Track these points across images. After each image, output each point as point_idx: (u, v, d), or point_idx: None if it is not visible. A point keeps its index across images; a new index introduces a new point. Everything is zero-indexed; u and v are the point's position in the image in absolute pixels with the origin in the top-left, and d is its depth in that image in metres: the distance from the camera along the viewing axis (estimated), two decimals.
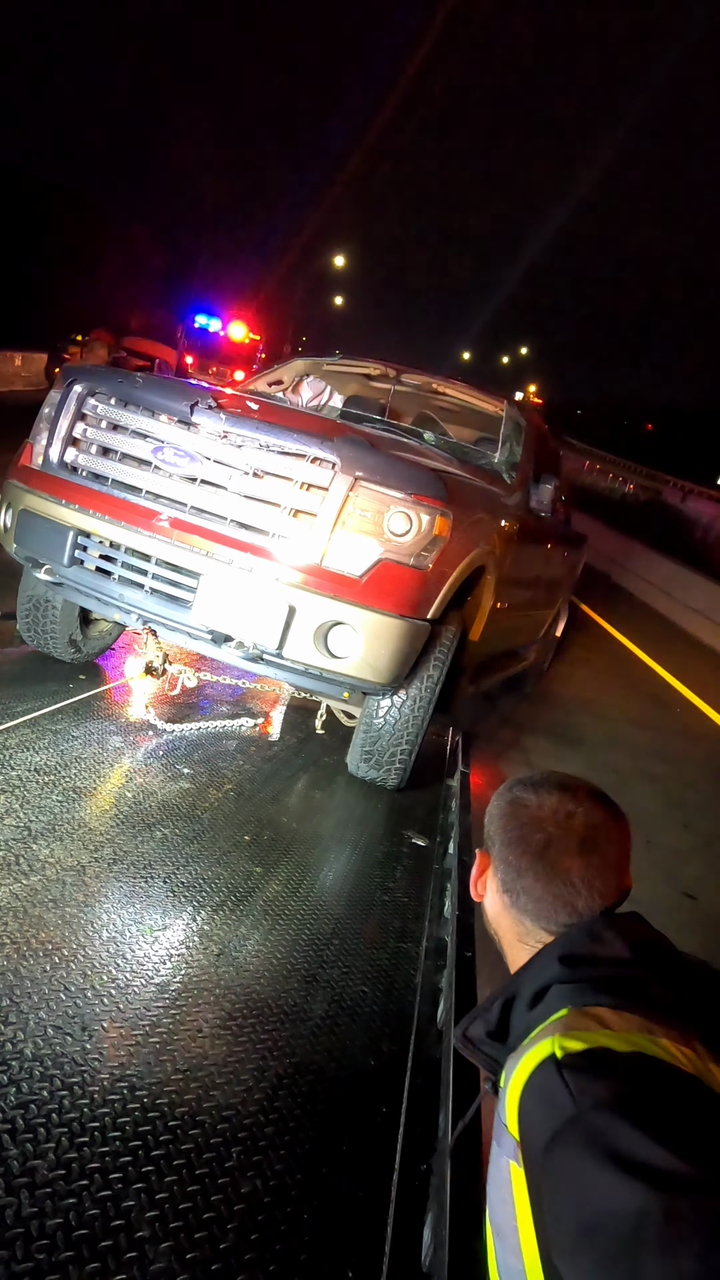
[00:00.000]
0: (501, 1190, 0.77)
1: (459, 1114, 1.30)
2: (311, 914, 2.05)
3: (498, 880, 1.01)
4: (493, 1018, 0.92)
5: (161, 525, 2.60)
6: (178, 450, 2.65)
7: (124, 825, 2.19)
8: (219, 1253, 1.11)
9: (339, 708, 3.32)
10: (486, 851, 1.05)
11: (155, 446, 2.68)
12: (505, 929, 1.02)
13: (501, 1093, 0.81)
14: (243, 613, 2.51)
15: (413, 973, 1.92)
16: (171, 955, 1.71)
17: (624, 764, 5.79)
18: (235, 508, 2.59)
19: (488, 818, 1.06)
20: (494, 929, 1.06)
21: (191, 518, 2.61)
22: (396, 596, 2.54)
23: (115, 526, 2.65)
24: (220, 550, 2.55)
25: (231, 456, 2.60)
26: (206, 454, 2.63)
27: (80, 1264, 1.04)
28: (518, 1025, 0.88)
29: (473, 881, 1.07)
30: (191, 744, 2.89)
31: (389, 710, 2.80)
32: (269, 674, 2.77)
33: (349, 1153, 1.35)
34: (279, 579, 2.50)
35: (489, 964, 2.97)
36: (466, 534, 2.82)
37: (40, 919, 1.70)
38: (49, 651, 3.33)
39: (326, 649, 2.52)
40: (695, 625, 12.62)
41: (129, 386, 2.78)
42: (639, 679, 8.81)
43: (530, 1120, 0.73)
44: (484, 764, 4.82)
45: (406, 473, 2.64)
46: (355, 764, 2.94)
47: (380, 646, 2.52)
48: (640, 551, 16.27)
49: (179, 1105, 1.33)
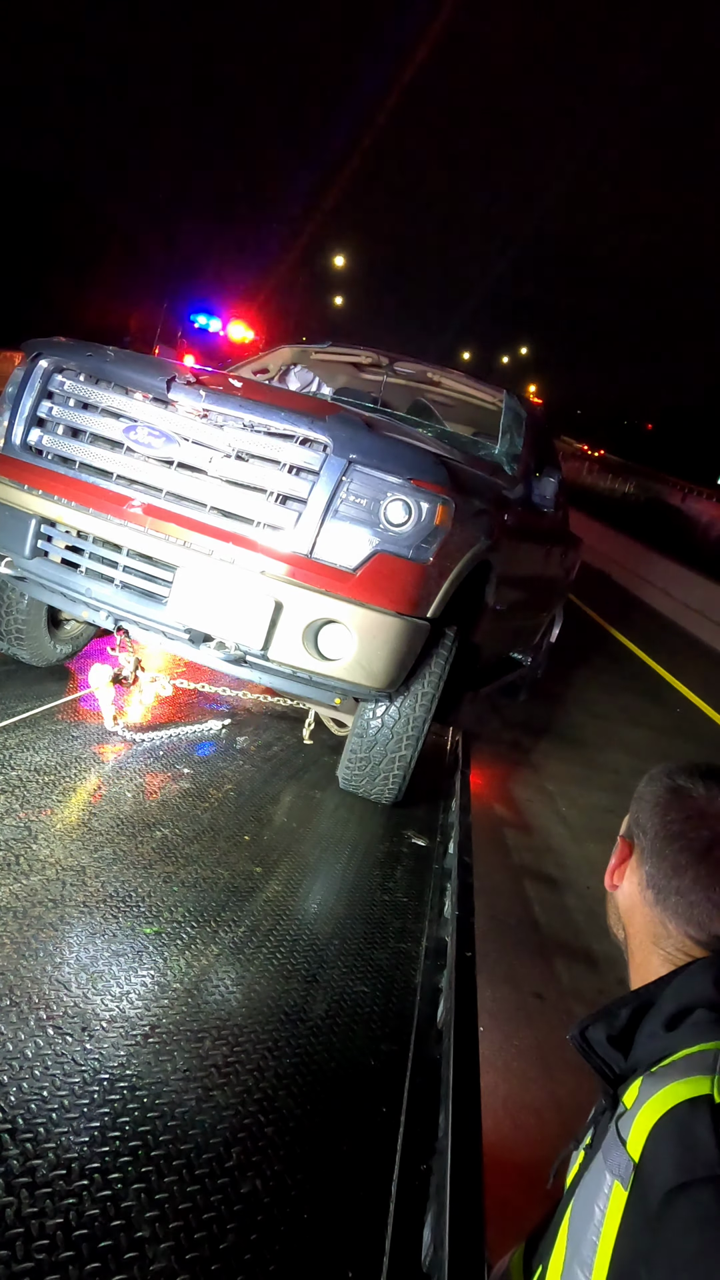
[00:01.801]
0: (593, 1203, 0.73)
1: (459, 1114, 1.30)
2: (311, 914, 2.06)
3: (642, 873, 0.92)
4: (618, 1024, 0.84)
5: (134, 512, 2.39)
6: (152, 430, 2.42)
7: (124, 825, 2.19)
8: (219, 1253, 1.11)
9: (328, 715, 3.10)
10: (630, 840, 0.96)
11: (127, 426, 2.46)
12: (639, 927, 0.93)
13: (624, 1110, 0.75)
14: (224, 609, 2.30)
15: (413, 973, 1.91)
16: (172, 955, 1.71)
17: (625, 763, 5.79)
18: (216, 493, 2.38)
19: (637, 804, 0.97)
20: (622, 923, 0.97)
21: (167, 504, 2.41)
22: (394, 592, 2.34)
23: (82, 514, 2.44)
24: (199, 540, 2.34)
25: (212, 437, 2.39)
26: (184, 434, 2.41)
27: (80, 1264, 1.04)
28: (650, 1043, 0.79)
29: (609, 870, 0.98)
30: (191, 744, 2.88)
31: (384, 718, 2.60)
32: (253, 678, 2.58)
33: (349, 1153, 1.35)
34: (264, 572, 2.29)
35: (489, 964, 2.98)
36: (469, 525, 2.61)
37: (40, 919, 1.70)
38: (14, 655, 3.08)
39: (316, 649, 2.32)
40: (692, 623, 12.62)
41: (99, 360, 2.55)
42: (638, 678, 8.81)
43: (660, 1154, 0.68)
44: (484, 764, 4.82)
45: (405, 455, 2.43)
46: (346, 777, 2.75)
47: (375, 647, 2.32)
48: (640, 550, 16.28)
49: (179, 1105, 1.33)
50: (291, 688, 2.58)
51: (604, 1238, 0.70)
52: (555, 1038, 2.82)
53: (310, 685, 2.52)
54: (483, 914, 2.59)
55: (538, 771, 5.24)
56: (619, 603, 13.63)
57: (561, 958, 3.31)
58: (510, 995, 2.99)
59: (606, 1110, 0.80)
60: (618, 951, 1.00)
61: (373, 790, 2.71)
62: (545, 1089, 2.59)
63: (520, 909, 3.59)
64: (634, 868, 0.94)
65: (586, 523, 17.04)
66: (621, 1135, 0.72)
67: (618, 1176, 0.71)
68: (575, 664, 7.84)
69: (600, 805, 4.99)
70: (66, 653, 3.25)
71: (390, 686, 2.45)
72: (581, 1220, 0.74)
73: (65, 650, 3.24)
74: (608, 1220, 0.70)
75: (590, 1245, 0.72)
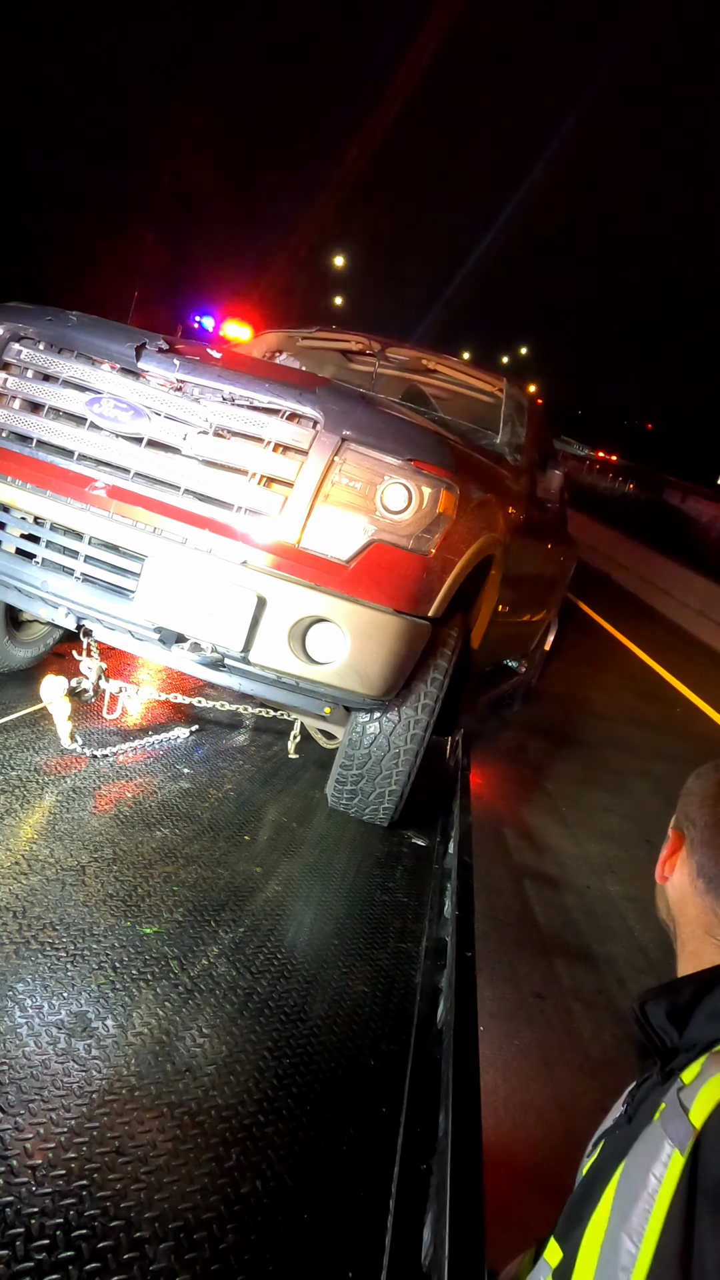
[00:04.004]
0: (648, 1170, 0.75)
1: (459, 1114, 1.30)
2: (311, 914, 2.05)
3: (693, 864, 0.95)
4: (680, 1001, 0.85)
5: (97, 495, 2.14)
6: (119, 403, 2.17)
7: (124, 825, 2.19)
8: (219, 1253, 1.11)
9: (316, 726, 2.80)
10: (680, 832, 0.99)
11: (91, 399, 2.20)
12: (691, 918, 0.95)
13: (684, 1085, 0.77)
14: (199, 605, 2.05)
15: (413, 973, 1.91)
16: (171, 955, 1.71)
17: (625, 763, 5.79)
18: (191, 475, 2.13)
19: (686, 797, 1.01)
20: (673, 915, 1.00)
21: (135, 486, 2.16)
22: (392, 587, 2.12)
23: (39, 496, 2.19)
24: (171, 526, 2.10)
25: (187, 412, 2.15)
26: (156, 408, 2.16)
27: (80, 1264, 1.04)
28: (710, 1024, 0.82)
29: (660, 862, 1.01)
30: (191, 744, 2.88)
31: (378, 731, 2.35)
32: (231, 684, 2.31)
33: (349, 1153, 1.35)
34: (245, 563, 2.05)
35: (489, 963, 2.98)
36: (475, 515, 2.38)
37: (40, 919, 1.70)
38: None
39: (304, 651, 2.10)
40: (690, 621, 12.63)
41: (61, 326, 2.29)
42: (638, 677, 8.81)
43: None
44: (484, 763, 4.83)
45: (406, 433, 2.19)
46: (336, 795, 2.51)
47: (371, 649, 2.09)
48: (638, 549, 16.29)
49: (179, 1105, 1.33)
50: (275, 695, 2.31)
51: (659, 1204, 0.71)
52: (555, 1037, 2.82)
53: (297, 692, 2.27)
54: (483, 913, 2.59)
55: (537, 771, 5.24)
56: (618, 603, 13.63)
57: (561, 957, 3.31)
58: (510, 995, 2.99)
59: (657, 1084, 0.82)
60: (618, 951, 1.01)
61: (365, 810, 2.51)
62: (546, 1089, 2.59)
63: (520, 908, 3.59)
64: (684, 859, 0.97)
65: (593, 526, 17.09)
66: (685, 1105, 0.74)
67: (678, 1144, 0.72)
68: (575, 663, 7.85)
69: (600, 805, 4.99)
70: (29, 657, 2.93)
71: (387, 694, 2.22)
72: (631, 1189, 0.76)
73: (27, 655, 2.92)
74: (664, 1187, 0.72)
75: (642, 1213, 0.73)
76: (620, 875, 4.15)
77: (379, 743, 2.35)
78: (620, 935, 3.55)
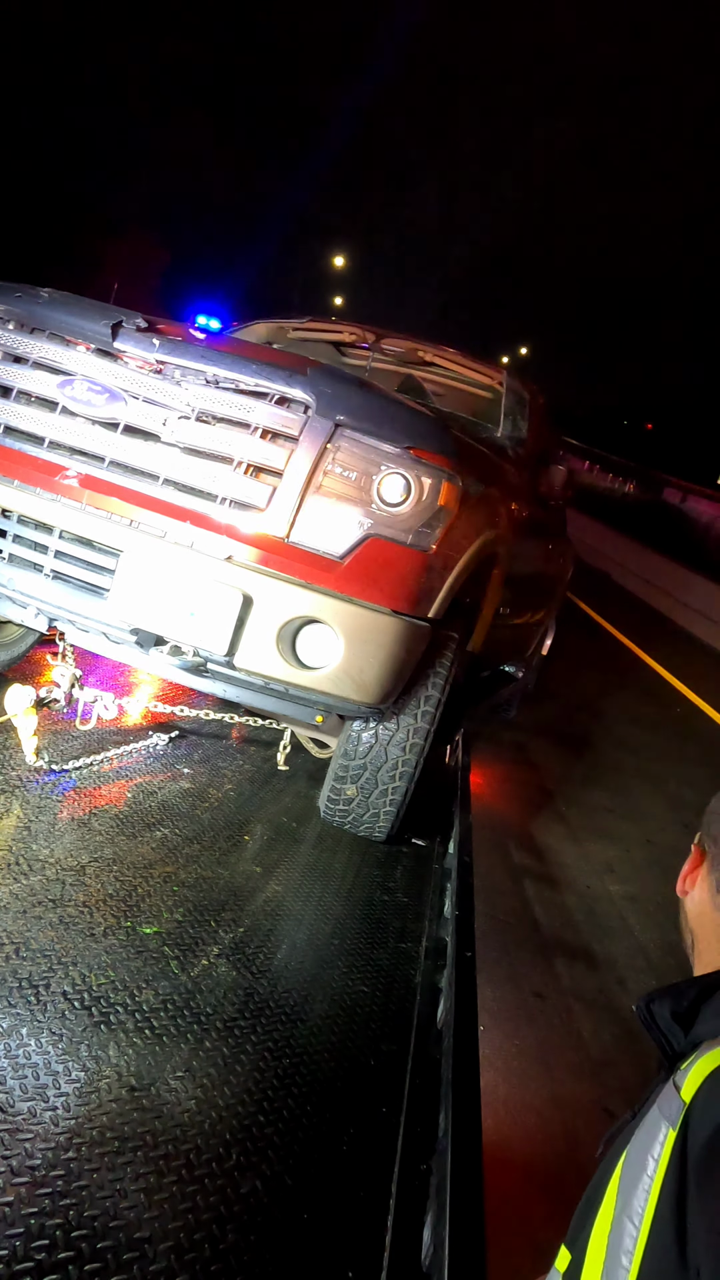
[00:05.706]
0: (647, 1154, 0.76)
1: (459, 1114, 1.30)
2: (311, 914, 2.05)
3: (713, 880, 0.98)
4: (685, 1001, 0.87)
5: (69, 484, 1.99)
6: (93, 385, 2.01)
7: (124, 825, 2.19)
8: (219, 1253, 1.11)
9: (307, 735, 2.61)
10: (702, 848, 1.03)
11: (63, 380, 2.04)
12: (709, 932, 0.98)
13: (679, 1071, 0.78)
14: (179, 604, 1.90)
15: (413, 973, 1.92)
16: (172, 954, 1.71)
17: (625, 762, 5.80)
18: (171, 463, 1.98)
19: (709, 817, 1.04)
20: (692, 927, 1.02)
21: (110, 475, 2.00)
22: (389, 586, 1.97)
23: (5, 486, 2.04)
24: (149, 518, 1.95)
25: (168, 395, 1.99)
26: (133, 391, 2.01)
27: (80, 1264, 1.04)
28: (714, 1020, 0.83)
29: (681, 876, 1.04)
30: (191, 744, 2.88)
31: (375, 741, 2.20)
32: (215, 690, 2.15)
33: (349, 1153, 1.35)
34: (230, 558, 1.90)
35: (489, 963, 2.98)
36: (477, 510, 2.23)
37: (40, 919, 1.70)
38: None
39: (294, 655, 1.95)
40: (690, 621, 12.64)
41: (31, 304, 2.12)
42: (637, 677, 8.81)
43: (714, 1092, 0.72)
44: (484, 763, 4.83)
45: (404, 419, 2.03)
46: (330, 809, 2.34)
47: (366, 652, 1.94)
48: (638, 549, 16.32)
49: (179, 1105, 1.33)
50: (263, 702, 2.15)
51: (656, 1184, 0.72)
52: (555, 1037, 2.82)
53: (286, 699, 2.12)
54: (483, 913, 2.59)
55: (537, 771, 5.24)
56: (618, 603, 13.63)
57: (561, 957, 3.30)
58: (510, 995, 2.99)
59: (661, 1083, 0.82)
60: (618, 951, 1.02)
61: (360, 825, 2.35)
62: (546, 1088, 2.59)
63: (520, 908, 3.59)
64: (704, 875, 1.00)
65: (593, 526, 17.10)
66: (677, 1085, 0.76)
67: (670, 1123, 0.73)
68: (574, 662, 7.85)
69: (600, 805, 4.99)
70: (6, 659, 2.77)
71: (383, 701, 2.07)
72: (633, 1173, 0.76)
73: (4, 657, 2.75)
74: (660, 1167, 0.72)
75: (642, 1195, 0.73)
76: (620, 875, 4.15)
77: (376, 753, 2.21)
78: (620, 935, 3.55)
